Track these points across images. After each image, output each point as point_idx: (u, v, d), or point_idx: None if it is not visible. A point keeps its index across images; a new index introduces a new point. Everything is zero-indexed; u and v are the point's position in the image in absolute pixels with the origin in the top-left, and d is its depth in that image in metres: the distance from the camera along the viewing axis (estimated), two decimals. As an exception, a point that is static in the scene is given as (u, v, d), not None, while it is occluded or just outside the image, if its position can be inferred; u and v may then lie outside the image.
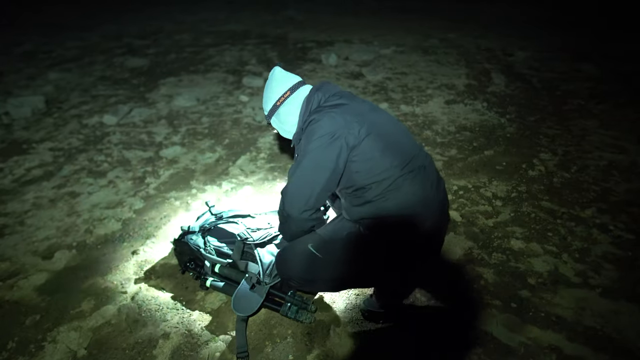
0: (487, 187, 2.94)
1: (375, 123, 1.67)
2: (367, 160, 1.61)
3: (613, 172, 3.10)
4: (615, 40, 6.93)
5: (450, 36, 7.43)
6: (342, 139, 1.59)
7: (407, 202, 1.62)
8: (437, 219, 1.70)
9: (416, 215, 1.63)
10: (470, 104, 4.47)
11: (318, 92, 1.75)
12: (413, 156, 1.68)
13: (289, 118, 1.81)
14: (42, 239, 2.53)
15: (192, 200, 2.88)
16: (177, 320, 1.94)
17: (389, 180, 1.60)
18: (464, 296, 2.03)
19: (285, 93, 1.80)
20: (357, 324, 1.91)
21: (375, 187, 1.62)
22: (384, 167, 1.60)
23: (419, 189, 1.63)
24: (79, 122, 4.23)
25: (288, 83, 1.83)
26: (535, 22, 8.47)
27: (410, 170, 1.63)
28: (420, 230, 1.65)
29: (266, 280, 1.91)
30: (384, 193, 1.61)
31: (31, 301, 2.07)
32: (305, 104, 1.76)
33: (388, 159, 1.61)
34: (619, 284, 2.09)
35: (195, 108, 4.54)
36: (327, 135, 1.60)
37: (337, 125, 1.60)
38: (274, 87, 1.83)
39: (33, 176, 3.25)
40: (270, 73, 1.89)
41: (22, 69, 6.03)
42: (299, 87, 1.83)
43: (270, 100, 1.83)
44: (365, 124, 1.62)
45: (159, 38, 7.89)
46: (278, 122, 1.87)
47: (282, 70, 1.89)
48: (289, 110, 1.80)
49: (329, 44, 7.10)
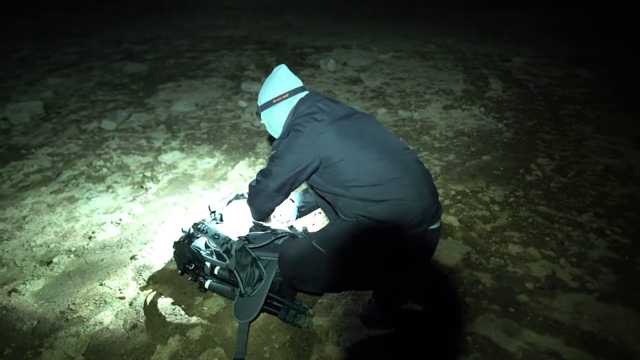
0: (485, 192, 2.95)
1: (356, 125, 1.81)
2: (346, 159, 1.72)
3: (610, 176, 3.12)
4: (611, 45, 6.97)
5: (447, 42, 7.48)
6: (316, 150, 1.73)
7: (397, 194, 1.71)
8: (430, 203, 1.76)
9: (406, 205, 1.71)
10: (467, 109, 4.49)
11: (307, 102, 1.85)
12: (395, 151, 1.81)
13: (278, 118, 1.92)
14: (40, 244, 2.53)
15: (191, 206, 2.88)
16: (176, 325, 1.93)
17: (372, 175, 1.71)
18: (462, 301, 2.03)
19: (284, 94, 1.90)
20: (356, 329, 1.91)
21: (363, 180, 1.72)
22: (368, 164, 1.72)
23: (407, 181, 1.73)
24: (77, 127, 4.24)
25: (289, 85, 1.92)
26: (533, 28, 8.53)
27: (396, 163, 1.75)
28: (415, 217, 1.72)
29: (248, 291, 1.90)
30: (372, 189, 1.71)
31: (28, 307, 2.06)
32: (293, 111, 1.87)
33: (369, 157, 1.73)
34: (616, 288, 2.10)
35: (194, 113, 4.55)
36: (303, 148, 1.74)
37: (313, 135, 1.74)
38: (275, 85, 1.92)
39: (31, 181, 3.24)
40: (276, 69, 1.96)
41: (21, 75, 6.04)
42: (297, 92, 1.92)
43: (267, 96, 1.92)
44: (346, 126, 1.77)
45: (157, 43, 7.92)
46: (267, 118, 1.96)
47: (287, 70, 1.97)
48: (281, 112, 1.91)
49: (327, 49, 7.14)
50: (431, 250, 1.93)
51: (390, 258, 1.82)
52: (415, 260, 1.95)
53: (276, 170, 1.83)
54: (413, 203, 1.71)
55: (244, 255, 1.93)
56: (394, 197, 1.70)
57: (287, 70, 1.97)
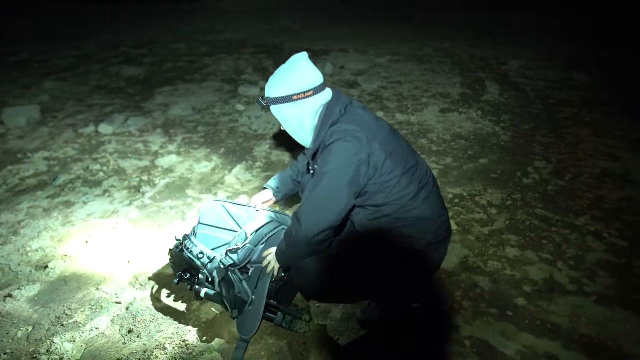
0: (483, 195, 2.95)
1: (390, 140, 1.69)
2: (390, 180, 1.65)
3: (607, 179, 3.12)
4: (610, 46, 7.00)
5: (445, 45, 7.50)
6: (366, 161, 1.59)
7: (422, 213, 1.71)
8: (445, 231, 1.80)
9: (430, 222, 1.73)
10: (465, 113, 4.50)
11: (337, 105, 1.67)
12: (422, 169, 1.77)
13: (302, 119, 1.68)
14: (36, 249, 2.51)
15: (188, 210, 2.87)
16: (172, 330, 1.92)
17: (407, 197, 1.67)
18: (460, 305, 2.03)
19: (308, 92, 1.64)
20: (354, 333, 1.90)
21: (395, 204, 1.68)
22: (404, 185, 1.67)
23: (431, 200, 1.74)
24: (74, 131, 4.22)
25: (313, 80, 1.66)
26: (530, 30, 8.57)
27: (425, 184, 1.73)
28: (430, 234, 1.74)
29: (235, 314, 1.88)
30: (401, 209, 1.69)
31: (24, 312, 2.04)
32: (325, 116, 1.66)
33: (407, 178, 1.68)
34: (613, 291, 2.10)
35: (191, 117, 4.55)
36: (353, 157, 1.57)
37: (362, 145, 1.58)
38: (296, 78, 1.64)
39: (27, 186, 3.23)
40: (296, 58, 1.69)
41: (17, 78, 6.03)
42: (322, 90, 1.69)
43: (285, 89, 1.64)
44: (385, 143, 1.64)
45: (155, 47, 7.92)
46: (283, 115, 1.69)
47: (309, 61, 1.69)
48: (305, 112, 1.67)
49: (325, 53, 7.15)
50: (438, 264, 1.95)
51: (407, 271, 1.82)
52: (427, 273, 1.98)
53: (330, 182, 1.58)
54: (436, 222, 1.74)
55: (228, 282, 1.90)
56: (420, 216, 1.70)
57: (309, 62, 1.68)
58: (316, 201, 1.60)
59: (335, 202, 1.58)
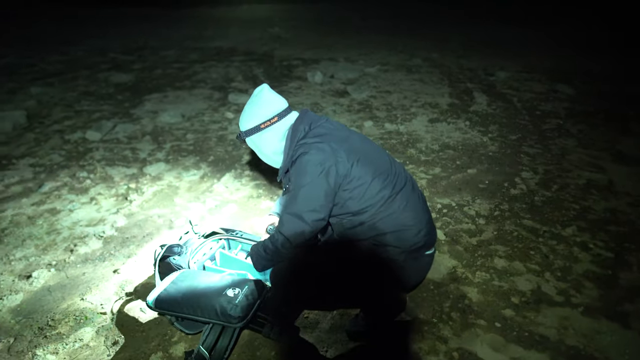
0: (471, 206, 2.97)
1: (359, 148, 1.76)
2: (360, 186, 1.70)
3: (592, 190, 3.17)
4: (599, 58, 7.13)
5: (433, 55, 7.58)
6: (333, 168, 1.67)
7: (399, 220, 1.73)
8: (423, 238, 1.80)
9: (407, 229, 1.75)
10: (453, 123, 4.54)
11: (302, 124, 1.78)
12: (397, 174, 1.81)
13: (271, 144, 1.82)
14: (19, 257, 2.46)
15: (176, 218, 2.85)
16: (158, 342, 1.89)
17: (380, 202, 1.71)
18: (448, 316, 2.03)
19: (273, 118, 1.78)
20: (342, 344, 1.89)
21: (368, 210, 1.71)
22: (376, 190, 1.71)
23: (409, 206, 1.76)
24: (61, 137, 4.17)
25: (276, 108, 1.80)
26: (518, 42, 8.70)
27: (400, 189, 1.76)
28: (414, 243, 1.77)
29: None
30: (376, 215, 1.72)
31: (5, 323, 2.00)
32: (291, 135, 1.77)
33: (379, 182, 1.72)
34: (600, 302, 2.12)
35: (180, 124, 4.52)
36: (318, 166, 1.66)
37: (326, 155, 1.67)
38: (260, 109, 1.79)
39: (12, 193, 3.17)
40: (258, 91, 1.84)
41: (4, 83, 5.94)
42: (286, 114, 1.82)
43: (253, 121, 1.80)
44: (352, 151, 1.71)
45: (144, 54, 7.88)
46: (256, 144, 1.85)
47: (270, 90, 1.85)
48: (273, 137, 1.81)
49: (315, 62, 7.18)
50: (425, 273, 1.97)
51: (385, 280, 1.83)
52: (409, 282, 1.99)
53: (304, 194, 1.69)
54: (413, 229, 1.76)
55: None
56: (397, 223, 1.73)
57: (270, 91, 1.84)
58: (294, 212, 1.70)
59: (312, 212, 1.68)
